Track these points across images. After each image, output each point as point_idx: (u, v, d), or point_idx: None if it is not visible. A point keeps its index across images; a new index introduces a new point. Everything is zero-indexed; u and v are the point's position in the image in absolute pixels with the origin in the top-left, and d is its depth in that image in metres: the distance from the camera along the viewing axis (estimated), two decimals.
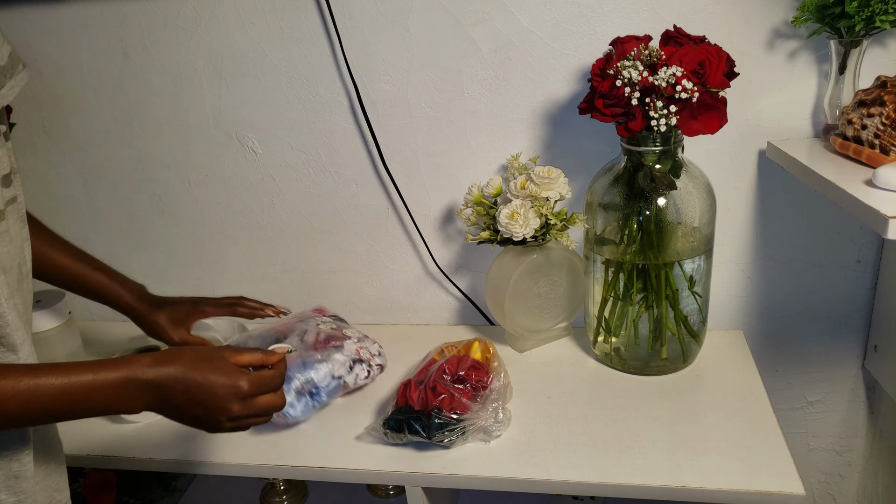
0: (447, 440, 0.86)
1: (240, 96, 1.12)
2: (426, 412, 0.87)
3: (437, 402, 0.87)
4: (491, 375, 0.92)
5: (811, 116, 0.99)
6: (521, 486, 0.84)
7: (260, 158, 1.15)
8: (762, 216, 1.06)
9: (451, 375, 0.91)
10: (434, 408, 0.87)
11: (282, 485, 1.27)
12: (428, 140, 1.09)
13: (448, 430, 0.86)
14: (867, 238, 1.05)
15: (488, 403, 0.89)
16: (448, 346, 0.99)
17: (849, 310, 1.10)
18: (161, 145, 1.18)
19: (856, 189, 0.75)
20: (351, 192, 1.15)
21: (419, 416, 0.87)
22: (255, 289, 1.25)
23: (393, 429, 0.88)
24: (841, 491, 1.24)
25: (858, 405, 1.16)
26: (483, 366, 0.94)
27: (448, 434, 0.85)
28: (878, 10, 0.82)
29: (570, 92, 1.03)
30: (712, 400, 0.94)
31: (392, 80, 1.06)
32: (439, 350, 0.99)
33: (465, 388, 0.90)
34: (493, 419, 0.88)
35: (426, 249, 1.16)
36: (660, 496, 0.80)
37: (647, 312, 0.97)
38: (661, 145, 0.90)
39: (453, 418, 0.86)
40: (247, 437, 0.94)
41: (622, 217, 0.96)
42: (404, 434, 0.87)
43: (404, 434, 0.87)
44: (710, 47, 0.85)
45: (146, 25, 1.10)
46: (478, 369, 0.93)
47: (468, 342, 0.98)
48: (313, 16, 1.04)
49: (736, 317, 1.13)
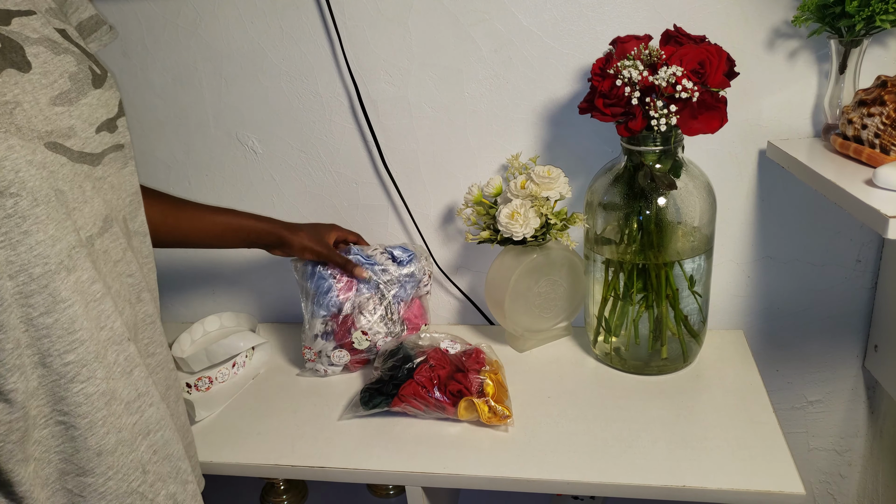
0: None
1: (240, 96, 1.12)
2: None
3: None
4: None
5: (811, 116, 0.99)
6: (521, 486, 0.84)
7: (260, 158, 1.15)
8: (762, 216, 1.06)
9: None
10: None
11: (282, 485, 1.27)
12: (428, 140, 1.09)
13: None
14: (867, 238, 1.05)
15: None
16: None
17: (849, 309, 1.10)
18: (161, 145, 1.18)
19: (856, 189, 0.75)
20: (351, 191, 1.15)
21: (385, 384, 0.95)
22: (254, 289, 1.25)
23: (365, 402, 0.95)
24: (841, 491, 1.24)
25: (859, 405, 1.16)
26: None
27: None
28: (878, 9, 0.82)
29: (571, 92, 1.03)
30: (712, 400, 0.94)
31: (392, 79, 1.06)
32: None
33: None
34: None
35: (426, 249, 1.16)
36: (660, 496, 0.80)
37: (648, 312, 0.97)
38: (661, 145, 0.90)
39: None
40: (247, 436, 0.95)
41: (622, 217, 0.95)
42: (374, 400, 0.94)
43: (374, 400, 0.94)
44: (710, 47, 0.85)
45: (146, 25, 1.10)
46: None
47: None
48: (313, 15, 1.04)
49: (736, 317, 1.13)
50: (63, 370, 0.58)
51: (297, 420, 0.97)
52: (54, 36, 0.60)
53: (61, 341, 0.57)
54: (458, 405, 0.91)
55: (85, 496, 0.61)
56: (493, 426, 0.91)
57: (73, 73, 0.59)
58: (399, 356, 0.98)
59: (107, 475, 0.61)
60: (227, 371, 1.08)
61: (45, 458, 0.59)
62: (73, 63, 0.60)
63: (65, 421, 0.59)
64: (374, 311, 1.03)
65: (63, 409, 0.58)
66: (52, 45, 0.59)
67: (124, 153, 0.66)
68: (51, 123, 0.57)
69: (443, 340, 1.00)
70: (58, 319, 0.57)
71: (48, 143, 0.56)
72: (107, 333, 0.61)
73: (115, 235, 0.64)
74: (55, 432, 0.59)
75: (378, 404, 0.94)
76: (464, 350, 0.99)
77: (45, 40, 0.59)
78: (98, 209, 0.62)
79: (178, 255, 1.25)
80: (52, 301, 0.56)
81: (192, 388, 1.05)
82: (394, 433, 0.92)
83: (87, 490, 0.61)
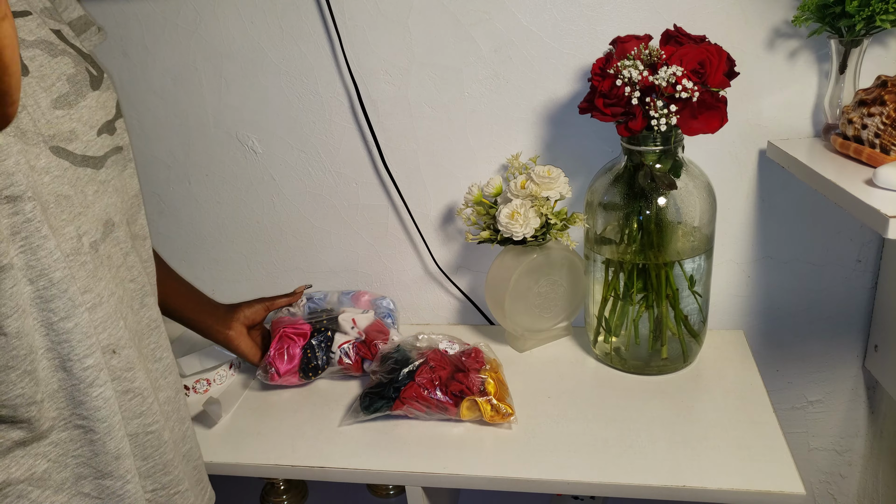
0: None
1: (240, 96, 1.11)
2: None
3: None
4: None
5: (811, 116, 0.99)
6: (521, 486, 0.84)
7: (260, 158, 1.15)
8: (762, 216, 1.06)
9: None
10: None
11: (282, 485, 1.27)
12: (428, 140, 1.09)
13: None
14: (867, 238, 1.05)
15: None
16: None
17: (849, 309, 1.10)
18: (161, 145, 1.18)
19: (856, 188, 0.75)
20: (351, 191, 1.15)
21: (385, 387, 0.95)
22: (254, 288, 1.25)
23: (366, 407, 0.94)
24: (841, 491, 1.24)
25: (859, 405, 1.16)
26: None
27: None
28: (878, 9, 0.82)
29: (571, 91, 1.03)
30: (712, 400, 0.94)
31: (392, 79, 1.06)
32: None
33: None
34: None
35: (426, 249, 1.16)
36: (660, 496, 0.80)
37: (648, 312, 0.97)
38: (661, 145, 0.90)
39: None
40: (247, 437, 0.95)
41: (622, 216, 0.95)
42: (375, 404, 0.94)
43: (375, 404, 0.94)
44: (710, 47, 0.85)
45: (146, 25, 1.09)
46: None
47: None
48: (313, 15, 1.04)
49: (736, 317, 1.13)
50: (83, 375, 0.58)
51: (297, 420, 0.97)
52: (50, 37, 0.59)
53: (81, 346, 0.57)
54: (461, 405, 0.91)
55: (104, 498, 0.61)
56: (496, 424, 0.91)
57: (70, 74, 0.59)
58: (397, 358, 0.98)
59: (125, 478, 0.61)
60: (225, 373, 1.08)
61: (61, 461, 0.59)
62: (70, 65, 0.59)
63: (83, 425, 0.59)
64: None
65: (82, 413, 0.58)
66: (48, 46, 0.58)
67: (124, 155, 0.66)
68: (53, 127, 0.56)
69: (441, 341, 1.00)
70: (77, 324, 0.57)
71: (52, 148, 0.56)
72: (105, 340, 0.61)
73: (118, 240, 0.64)
74: (74, 436, 0.59)
75: (379, 408, 0.94)
76: (462, 350, 0.99)
77: (41, 42, 0.58)
78: (100, 213, 0.61)
79: (179, 254, 1.26)
80: (72, 305, 0.56)
81: (189, 390, 1.05)
82: (394, 434, 0.92)
83: (106, 493, 0.61)
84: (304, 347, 1.02)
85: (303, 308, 1.11)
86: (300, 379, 1.03)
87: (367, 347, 1.03)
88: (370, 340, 1.03)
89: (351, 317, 1.06)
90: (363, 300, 1.15)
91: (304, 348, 1.02)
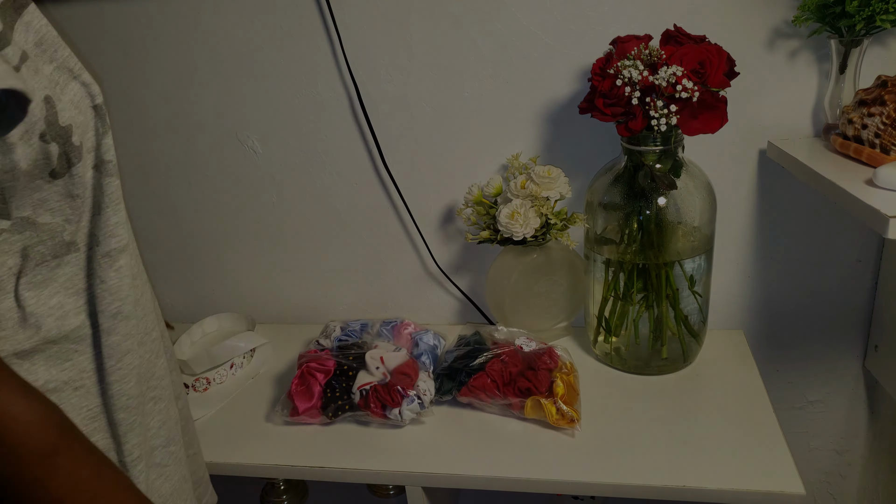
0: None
1: (240, 96, 1.11)
2: None
3: None
4: None
5: (812, 116, 0.99)
6: (521, 486, 0.84)
7: (260, 158, 1.15)
8: (762, 216, 1.06)
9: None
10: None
11: (282, 485, 1.27)
12: (428, 140, 1.09)
13: None
14: (867, 238, 1.05)
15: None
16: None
17: (849, 309, 1.10)
18: (161, 145, 1.18)
19: (856, 188, 0.75)
20: (351, 192, 1.15)
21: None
22: (254, 289, 1.25)
23: (436, 387, 0.97)
24: (841, 491, 1.24)
25: (859, 405, 1.16)
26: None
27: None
28: (878, 9, 0.82)
29: (571, 91, 1.03)
30: (712, 400, 0.94)
31: (392, 79, 1.06)
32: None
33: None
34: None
35: (426, 249, 1.16)
36: (660, 496, 0.80)
37: (648, 312, 0.97)
38: (661, 145, 0.90)
39: None
40: (247, 437, 0.95)
41: (622, 216, 0.95)
42: (444, 386, 0.96)
43: (444, 386, 0.96)
44: (710, 46, 0.85)
45: (146, 25, 1.09)
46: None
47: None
48: (313, 15, 1.04)
49: (736, 317, 1.13)
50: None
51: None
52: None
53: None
54: (526, 403, 0.91)
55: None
56: (559, 429, 0.90)
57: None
58: (472, 346, 1.00)
59: (138, 480, 0.62)
60: (225, 372, 1.08)
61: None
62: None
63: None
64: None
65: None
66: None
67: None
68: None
69: (518, 337, 1.01)
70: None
71: None
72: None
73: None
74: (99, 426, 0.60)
75: (448, 391, 0.96)
76: (538, 348, 0.99)
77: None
78: None
79: (179, 254, 1.26)
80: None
81: (189, 388, 1.05)
82: (394, 434, 0.92)
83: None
84: (325, 386, 0.95)
85: (333, 340, 1.06)
86: (321, 418, 0.95)
87: (388, 392, 0.92)
88: (392, 385, 0.92)
89: (380, 354, 0.97)
90: (404, 333, 1.07)
91: (325, 387, 0.95)
